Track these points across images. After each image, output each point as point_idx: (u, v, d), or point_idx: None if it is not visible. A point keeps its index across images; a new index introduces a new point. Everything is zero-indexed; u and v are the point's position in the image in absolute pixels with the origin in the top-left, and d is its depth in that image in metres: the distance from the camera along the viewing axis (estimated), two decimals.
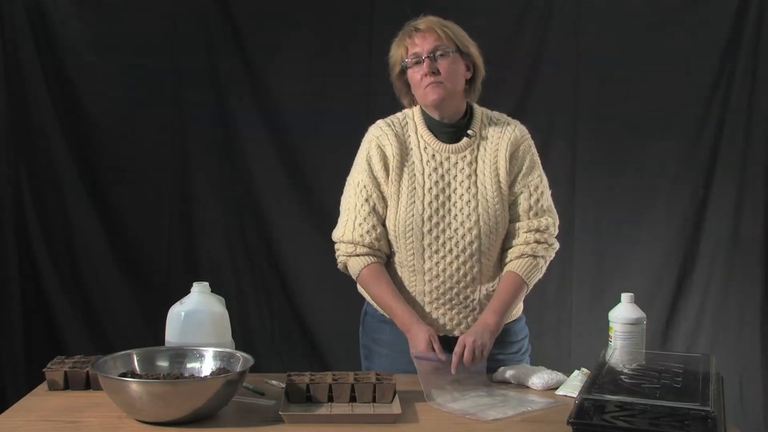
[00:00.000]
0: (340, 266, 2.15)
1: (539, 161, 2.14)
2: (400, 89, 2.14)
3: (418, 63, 2.03)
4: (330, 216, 3.48)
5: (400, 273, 2.12)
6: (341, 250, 2.12)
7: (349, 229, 2.09)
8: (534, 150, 2.14)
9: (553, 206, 2.14)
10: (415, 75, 2.04)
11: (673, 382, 1.64)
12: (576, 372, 1.97)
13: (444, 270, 2.07)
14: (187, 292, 2.01)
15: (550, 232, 2.11)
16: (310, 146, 3.53)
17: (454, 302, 2.10)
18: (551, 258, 2.13)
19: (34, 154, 3.47)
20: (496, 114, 2.16)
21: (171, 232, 3.55)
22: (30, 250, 3.48)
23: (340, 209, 2.14)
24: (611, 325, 1.96)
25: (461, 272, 2.08)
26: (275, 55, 3.50)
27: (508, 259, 2.10)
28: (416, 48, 2.03)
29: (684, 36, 3.54)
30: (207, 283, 2.02)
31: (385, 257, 2.12)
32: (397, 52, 2.08)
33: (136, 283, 3.53)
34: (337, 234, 2.13)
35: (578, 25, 3.54)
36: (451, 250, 2.06)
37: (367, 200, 2.08)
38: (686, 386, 1.62)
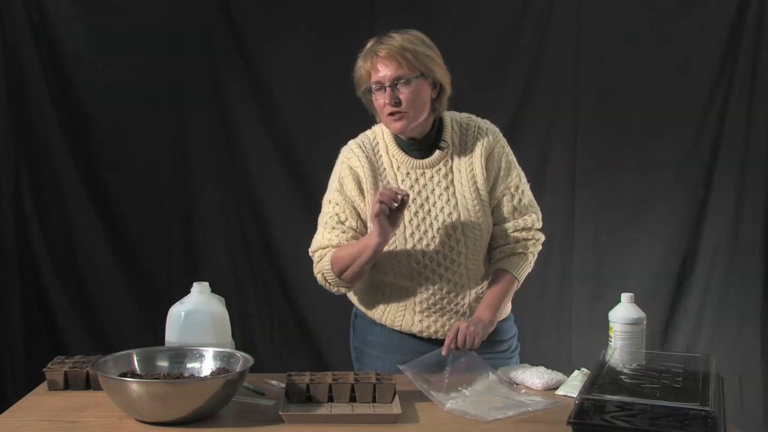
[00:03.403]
0: (318, 278, 2.13)
1: (514, 159, 2.14)
2: (368, 104, 2.10)
3: (380, 89, 2.00)
4: None
5: (390, 286, 2.13)
6: (314, 261, 2.12)
7: (318, 239, 2.11)
8: (508, 149, 2.13)
9: (533, 200, 2.16)
10: (378, 101, 2.02)
11: (673, 382, 1.64)
12: (576, 372, 1.97)
13: (433, 283, 2.09)
14: (187, 292, 2.01)
15: (535, 228, 2.13)
16: (310, 146, 3.53)
17: (445, 309, 2.11)
18: (539, 251, 2.16)
19: (34, 154, 3.47)
20: (465, 117, 2.14)
21: (171, 232, 3.55)
22: (30, 250, 3.48)
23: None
24: (611, 325, 1.96)
25: (450, 283, 2.09)
26: (275, 55, 3.50)
27: (496, 258, 2.12)
28: (378, 75, 1.99)
29: (684, 36, 3.53)
30: (207, 283, 2.02)
31: None
32: (361, 71, 2.03)
33: (136, 283, 3.53)
34: (311, 249, 2.14)
35: (578, 25, 3.54)
36: (439, 264, 2.07)
37: (337, 214, 2.09)
38: (686, 386, 1.62)
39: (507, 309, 2.22)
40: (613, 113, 3.56)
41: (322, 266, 2.09)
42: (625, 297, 1.96)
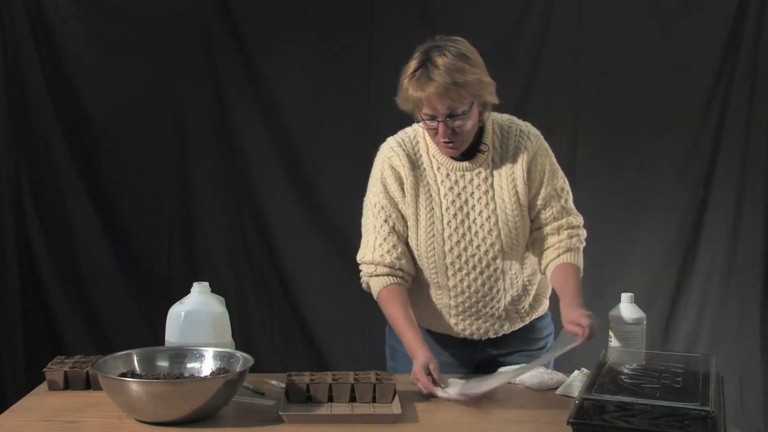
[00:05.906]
0: (364, 286, 2.12)
1: (556, 162, 2.09)
2: (411, 115, 2.02)
3: (432, 120, 1.94)
4: (329, 215, 3.51)
5: (426, 288, 2.11)
6: (363, 271, 2.09)
7: (370, 250, 2.06)
8: (550, 153, 2.08)
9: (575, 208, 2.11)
10: (430, 128, 1.96)
11: (673, 382, 1.64)
12: (576, 372, 1.98)
13: (469, 286, 2.07)
14: (187, 292, 2.01)
15: (581, 227, 2.09)
16: (309, 145, 3.53)
17: (480, 313, 2.10)
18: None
19: (34, 154, 3.47)
20: (506, 120, 2.09)
21: (171, 232, 3.55)
22: (30, 250, 3.48)
23: (362, 231, 2.11)
24: (611, 325, 1.96)
25: (486, 287, 2.07)
26: (275, 55, 3.50)
27: (550, 258, 2.05)
28: (430, 110, 1.92)
29: (684, 36, 3.53)
30: (207, 283, 2.02)
31: (408, 276, 2.08)
32: (409, 94, 1.92)
33: (136, 283, 3.53)
34: (359, 256, 2.10)
35: (578, 25, 3.54)
36: (474, 267, 2.05)
37: (386, 221, 2.05)
38: (686, 386, 1.62)
39: (544, 306, 2.21)
40: (613, 113, 3.56)
41: (369, 285, 2.08)
42: (625, 297, 1.96)
